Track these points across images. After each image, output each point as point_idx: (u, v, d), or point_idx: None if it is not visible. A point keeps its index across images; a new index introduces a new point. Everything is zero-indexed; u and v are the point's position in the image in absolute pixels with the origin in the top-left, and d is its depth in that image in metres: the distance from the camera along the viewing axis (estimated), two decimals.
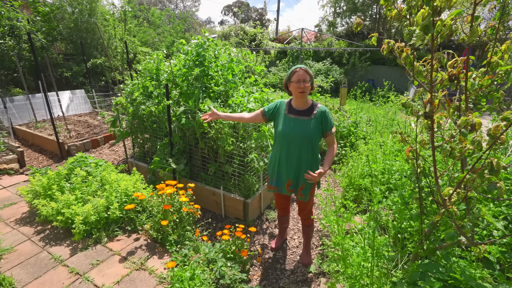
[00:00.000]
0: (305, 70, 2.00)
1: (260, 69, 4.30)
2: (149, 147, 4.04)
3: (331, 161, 2.05)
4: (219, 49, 3.65)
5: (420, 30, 0.98)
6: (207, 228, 3.01)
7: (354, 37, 15.69)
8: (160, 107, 3.44)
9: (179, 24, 12.42)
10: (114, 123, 3.92)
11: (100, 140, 5.47)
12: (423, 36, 1.03)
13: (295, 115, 2.10)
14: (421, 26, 0.97)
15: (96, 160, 3.48)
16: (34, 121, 6.10)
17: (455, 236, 1.11)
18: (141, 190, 2.66)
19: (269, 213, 3.35)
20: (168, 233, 2.30)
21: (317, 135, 2.06)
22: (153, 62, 3.94)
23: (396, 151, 3.22)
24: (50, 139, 5.03)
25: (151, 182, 3.62)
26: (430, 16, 0.93)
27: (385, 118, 4.88)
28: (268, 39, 8.07)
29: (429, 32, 0.97)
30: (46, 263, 2.08)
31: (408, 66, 1.88)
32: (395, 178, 2.50)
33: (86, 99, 7.26)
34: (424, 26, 0.95)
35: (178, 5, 31.20)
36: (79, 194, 2.47)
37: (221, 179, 3.33)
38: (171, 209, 2.33)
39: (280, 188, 2.26)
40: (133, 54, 8.89)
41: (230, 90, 3.51)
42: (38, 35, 7.07)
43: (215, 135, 3.00)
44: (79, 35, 8.45)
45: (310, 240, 2.65)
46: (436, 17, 0.94)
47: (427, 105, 1.15)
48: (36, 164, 4.66)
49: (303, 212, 2.40)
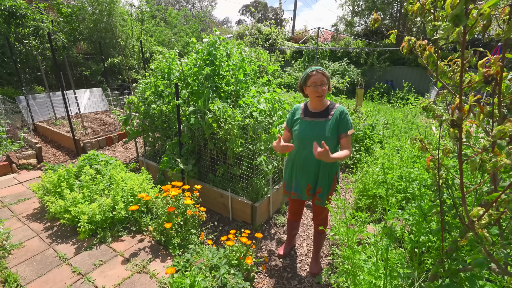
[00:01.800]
0: (322, 73, 1.89)
1: (273, 69, 4.19)
2: (160, 146, 4.04)
3: (340, 156, 1.85)
4: (230, 48, 3.58)
5: (450, 21, 0.84)
6: (213, 231, 2.94)
7: (372, 37, 15.20)
8: (170, 107, 3.41)
9: (195, 23, 12.52)
10: (126, 122, 3.95)
11: (114, 138, 5.57)
12: (453, 28, 0.89)
13: (311, 117, 2.00)
14: (451, 16, 0.82)
15: (107, 158, 3.51)
16: (54, 118, 6.31)
17: (484, 264, 0.96)
18: (148, 191, 2.63)
19: (278, 218, 3.24)
20: (172, 236, 2.25)
21: (335, 137, 1.94)
22: (165, 61, 3.94)
23: (415, 157, 3.01)
24: (67, 136, 5.16)
25: (160, 182, 3.60)
26: (462, 3, 0.79)
27: (403, 121, 4.62)
28: (283, 39, 7.93)
29: (461, 23, 0.82)
30: (51, 261, 2.09)
31: (430, 66, 1.71)
32: (413, 187, 2.32)
33: (103, 97, 7.44)
34: (455, 16, 0.81)
35: (195, 5, 31.61)
36: (86, 192, 2.47)
37: (229, 181, 3.25)
38: (175, 211, 2.28)
39: (300, 194, 2.18)
40: (149, 53, 9.05)
41: (241, 90, 3.43)
42: (60, 35, 7.34)
43: (224, 136, 2.92)
44: (98, 35, 8.70)
45: (321, 248, 2.53)
46: (470, 4, 0.80)
47: (454, 111, 0.99)
48: (53, 160, 4.79)
49: (318, 217, 2.29)
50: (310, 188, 2.13)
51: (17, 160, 4.18)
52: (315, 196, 2.14)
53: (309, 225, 3.21)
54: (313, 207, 2.29)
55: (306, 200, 2.23)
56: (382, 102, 7.66)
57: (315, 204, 2.21)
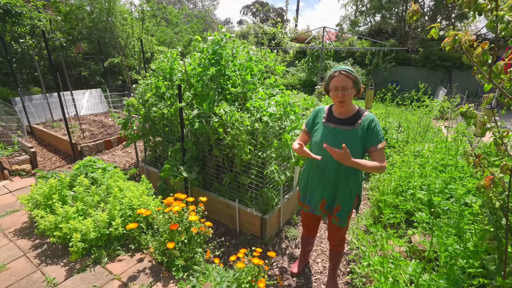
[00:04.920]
0: (346, 74, 1.62)
1: (281, 69, 3.95)
2: (161, 151, 3.79)
3: (366, 165, 1.58)
4: (237, 47, 3.34)
5: None
6: (220, 246, 2.70)
7: (377, 36, 14.95)
8: (172, 110, 3.17)
9: (197, 23, 12.28)
10: (125, 125, 3.70)
11: (113, 141, 5.33)
12: None
13: (335, 124, 1.74)
14: None
15: (104, 165, 3.27)
16: (51, 120, 6.07)
17: None
18: (148, 203, 2.39)
19: (289, 230, 2.99)
20: (175, 256, 2.01)
21: (360, 150, 1.68)
22: (167, 61, 3.70)
23: (440, 166, 2.75)
24: (64, 139, 4.93)
25: (161, 190, 3.36)
26: None
27: (418, 125, 4.37)
28: (289, 38, 7.71)
29: None
30: (38, 286, 1.84)
31: (480, 66, 1.47)
32: (447, 203, 2.06)
33: (103, 99, 7.21)
34: None
35: (197, 4, 31.38)
36: (80, 205, 2.23)
37: (236, 191, 3.01)
38: (179, 228, 2.03)
39: (313, 208, 1.94)
40: (150, 53, 8.81)
41: (248, 92, 3.19)
42: (58, 34, 7.10)
43: (231, 142, 2.68)
44: (97, 34, 8.47)
45: (338, 267, 2.28)
46: None
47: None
48: (49, 165, 4.56)
49: (334, 238, 2.04)
50: (325, 203, 1.88)
51: (10, 166, 3.94)
52: (332, 214, 1.89)
53: (322, 238, 2.96)
54: (329, 225, 2.04)
55: (319, 215, 1.99)
56: (389, 104, 7.40)
57: (331, 223, 1.96)
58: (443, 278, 1.41)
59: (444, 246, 1.47)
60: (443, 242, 1.48)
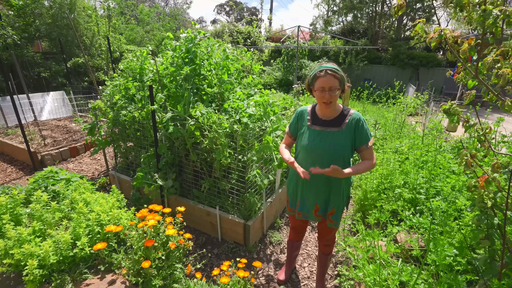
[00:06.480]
0: (333, 74, 1.52)
1: (258, 68, 3.83)
2: (134, 157, 3.51)
3: (359, 170, 1.59)
4: (212, 45, 3.16)
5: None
6: (201, 258, 2.52)
7: (350, 36, 15.38)
8: (144, 113, 2.93)
9: (170, 22, 11.80)
10: (92, 131, 3.37)
11: (80, 148, 4.90)
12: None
13: (321, 126, 1.65)
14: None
15: (68, 176, 2.94)
16: (5, 127, 5.46)
17: None
18: (119, 217, 2.15)
19: (273, 235, 2.89)
20: (152, 275, 1.81)
21: (349, 151, 1.61)
22: (136, 60, 3.42)
23: (420, 162, 2.78)
24: (21, 147, 4.43)
25: (135, 200, 3.10)
26: None
27: (394, 121, 4.47)
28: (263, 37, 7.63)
29: None
30: None
31: (465, 62, 1.44)
32: (433, 201, 2.06)
33: (66, 102, 6.64)
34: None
35: (169, 2, 30.34)
36: (38, 225, 1.94)
37: (216, 197, 2.84)
38: (155, 243, 1.83)
39: (306, 214, 1.85)
40: (119, 52, 8.28)
41: (225, 92, 3.03)
42: (9, 30, 6.38)
43: (209, 145, 2.51)
44: (58, 31, 7.79)
45: (326, 270, 2.21)
46: None
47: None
48: (3, 177, 4.06)
49: (325, 237, 1.98)
50: (318, 208, 1.81)
51: None
52: (327, 218, 1.82)
53: (307, 240, 2.89)
54: (320, 227, 1.97)
55: (313, 221, 1.91)
56: (366, 101, 7.60)
57: (327, 226, 1.88)
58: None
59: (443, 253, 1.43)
60: (443, 250, 1.44)
